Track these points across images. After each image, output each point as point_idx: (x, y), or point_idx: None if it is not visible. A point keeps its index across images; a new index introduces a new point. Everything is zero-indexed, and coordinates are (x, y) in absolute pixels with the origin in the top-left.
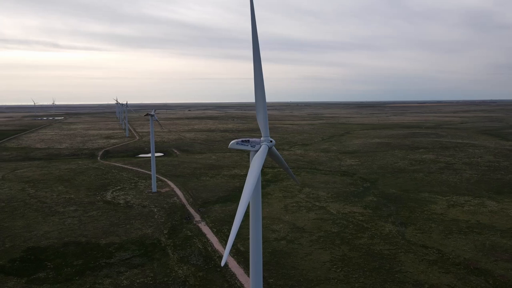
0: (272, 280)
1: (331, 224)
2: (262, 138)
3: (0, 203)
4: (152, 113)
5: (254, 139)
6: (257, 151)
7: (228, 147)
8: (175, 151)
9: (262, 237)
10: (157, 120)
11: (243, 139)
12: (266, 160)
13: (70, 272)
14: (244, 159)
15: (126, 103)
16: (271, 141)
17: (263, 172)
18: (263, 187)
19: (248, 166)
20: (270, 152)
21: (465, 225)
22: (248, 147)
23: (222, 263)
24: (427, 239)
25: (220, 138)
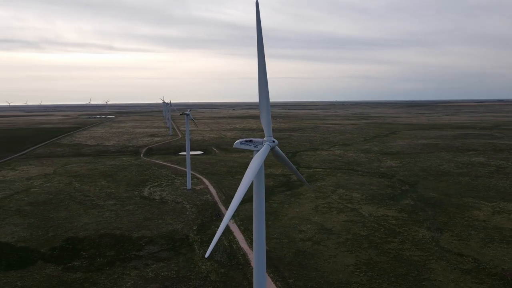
0: (292, 281)
1: (361, 226)
2: (265, 138)
3: (49, 195)
4: (188, 112)
5: (257, 139)
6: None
7: (233, 146)
8: (215, 149)
9: (288, 237)
10: (192, 119)
11: (247, 139)
12: (302, 161)
13: (102, 262)
14: None
15: (170, 102)
16: (273, 141)
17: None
18: (295, 187)
19: (284, 166)
20: (274, 153)
21: (509, 233)
22: (251, 147)
23: (206, 255)
24: (463, 246)
25: (260, 137)
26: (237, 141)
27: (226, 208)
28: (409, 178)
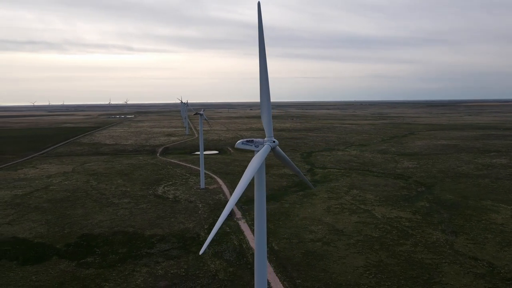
0: (299, 281)
1: (373, 228)
2: (265, 138)
3: (67, 193)
4: (201, 112)
5: (258, 139)
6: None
7: (235, 146)
8: (230, 149)
9: (298, 237)
10: (206, 119)
11: (248, 139)
12: (317, 161)
13: (114, 259)
14: (295, 159)
15: (186, 102)
16: (274, 141)
17: (312, 172)
18: (309, 187)
19: (298, 166)
20: (275, 153)
21: None
22: (252, 147)
23: (201, 252)
24: (478, 250)
25: (276, 137)
26: (238, 141)
27: (238, 208)
28: (425, 179)
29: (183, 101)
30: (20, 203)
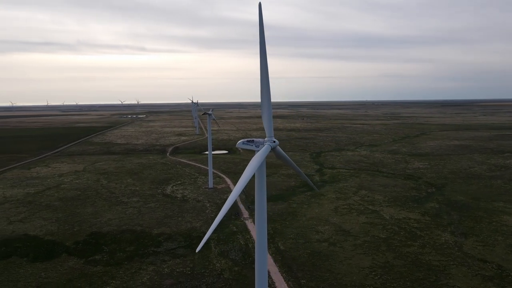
0: (304, 281)
1: (380, 229)
2: (266, 138)
3: (77, 192)
4: (210, 112)
5: (258, 139)
6: None
7: (236, 146)
8: (239, 149)
9: (305, 238)
10: (214, 119)
11: (249, 139)
12: (326, 161)
13: (122, 257)
14: (305, 159)
15: (197, 102)
16: (274, 141)
17: (321, 173)
18: (318, 187)
19: (307, 166)
20: (276, 153)
21: None
22: (252, 147)
23: (197, 249)
24: (488, 252)
25: (285, 137)
26: (239, 141)
27: (245, 208)
28: (436, 180)
29: (194, 101)
30: (32, 201)
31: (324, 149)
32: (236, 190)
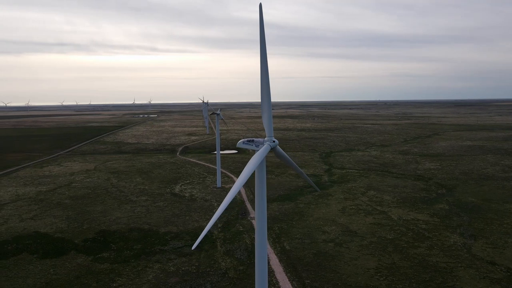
0: (308, 281)
1: (387, 230)
2: (266, 138)
3: (87, 190)
4: (218, 112)
5: (258, 139)
6: None
7: (236, 146)
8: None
9: (311, 238)
10: (222, 119)
11: (249, 138)
12: (336, 161)
13: (129, 255)
14: (314, 159)
15: (207, 102)
16: (274, 141)
17: (330, 173)
18: (325, 187)
19: (316, 166)
20: (276, 153)
21: None
22: (252, 147)
23: (193, 247)
24: (497, 255)
25: (295, 137)
26: (240, 141)
27: (252, 207)
28: (447, 181)
29: (205, 101)
30: (43, 199)
31: (334, 149)
32: (234, 189)
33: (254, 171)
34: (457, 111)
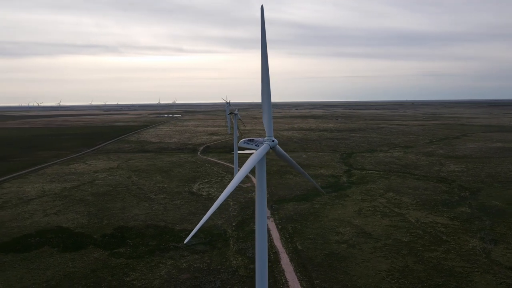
0: (317, 282)
1: (404, 232)
2: (265, 138)
3: (109, 187)
4: (236, 112)
5: (258, 138)
6: None
7: (238, 145)
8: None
9: (324, 238)
10: (240, 119)
11: (249, 138)
12: (356, 162)
13: (144, 251)
14: (334, 159)
15: (229, 102)
16: (273, 141)
17: (349, 174)
18: (343, 188)
19: (336, 167)
20: (276, 152)
21: None
22: (252, 146)
23: (186, 241)
24: None
25: (316, 137)
26: (241, 140)
27: (268, 207)
28: (471, 184)
29: (227, 101)
30: (67, 195)
31: (355, 150)
32: (231, 186)
33: (255, 171)
34: (489, 111)
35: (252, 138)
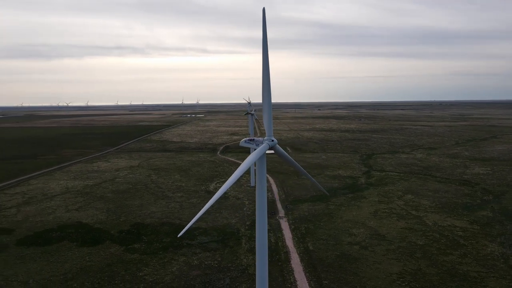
0: (326, 282)
1: (419, 235)
2: (265, 137)
3: (128, 185)
4: (252, 112)
5: (258, 138)
6: None
7: (239, 145)
8: (288, 149)
9: (336, 239)
10: (256, 119)
11: (250, 138)
12: (376, 163)
13: (158, 247)
14: (354, 160)
15: (250, 102)
16: (272, 140)
17: (368, 175)
18: (360, 190)
19: (355, 168)
20: (276, 151)
21: None
22: (253, 145)
23: (179, 235)
24: None
25: (337, 138)
26: (242, 140)
27: (283, 207)
28: (496, 187)
29: (248, 101)
30: (89, 192)
31: (376, 151)
32: (228, 183)
33: (256, 169)
34: None
35: (252, 138)
